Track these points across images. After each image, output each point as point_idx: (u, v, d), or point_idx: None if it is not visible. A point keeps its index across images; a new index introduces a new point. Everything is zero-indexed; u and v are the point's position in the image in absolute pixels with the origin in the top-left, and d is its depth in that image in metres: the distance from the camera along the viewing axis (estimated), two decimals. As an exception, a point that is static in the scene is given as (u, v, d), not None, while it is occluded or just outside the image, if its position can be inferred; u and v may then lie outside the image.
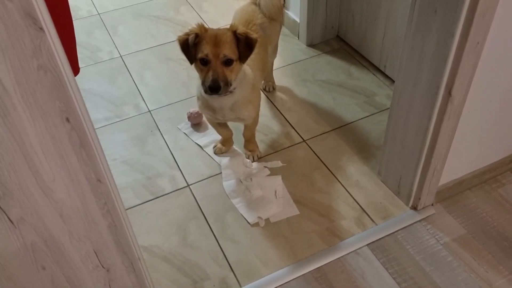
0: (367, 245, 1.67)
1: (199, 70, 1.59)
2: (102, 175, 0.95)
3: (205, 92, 1.58)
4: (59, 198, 0.84)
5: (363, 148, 2.03)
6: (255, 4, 1.98)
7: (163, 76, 2.45)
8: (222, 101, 1.68)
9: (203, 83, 1.57)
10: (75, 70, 1.14)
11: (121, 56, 2.64)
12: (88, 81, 2.48)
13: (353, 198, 1.83)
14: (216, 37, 1.54)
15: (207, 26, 1.58)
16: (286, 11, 2.68)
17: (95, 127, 2.21)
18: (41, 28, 0.75)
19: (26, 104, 0.74)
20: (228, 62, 1.55)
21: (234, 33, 1.56)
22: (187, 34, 1.56)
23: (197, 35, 1.54)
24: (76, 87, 0.85)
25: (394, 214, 1.77)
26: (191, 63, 1.60)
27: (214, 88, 1.54)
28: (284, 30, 2.70)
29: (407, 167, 1.70)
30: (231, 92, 1.63)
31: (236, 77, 1.61)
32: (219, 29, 1.60)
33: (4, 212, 0.77)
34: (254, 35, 1.59)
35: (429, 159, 1.60)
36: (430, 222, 1.73)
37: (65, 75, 0.81)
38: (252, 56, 1.79)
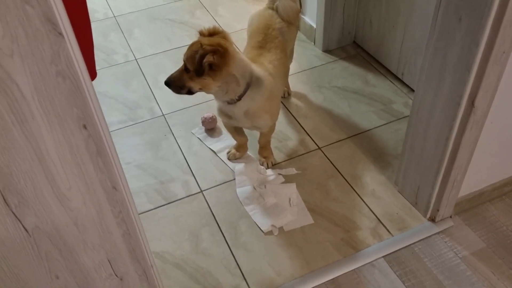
0: (383, 257, 1.63)
1: None
2: (117, 182, 0.93)
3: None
4: (75, 207, 0.83)
5: (380, 157, 2.00)
6: (272, 8, 1.96)
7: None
8: (233, 109, 1.66)
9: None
10: (93, 74, 1.13)
11: (136, 59, 2.63)
12: (103, 84, 2.47)
13: (369, 208, 1.80)
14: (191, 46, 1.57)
15: (210, 32, 1.60)
16: (302, 16, 2.65)
17: (110, 130, 2.21)
18: (60, 33, 0.74)
19: (44, 111, 0.73)
20: (187, 70, 1.57)
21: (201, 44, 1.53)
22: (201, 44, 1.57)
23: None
24: (94, 93, 0.84)
25: (411, 226, 1.73)
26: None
27: (167, 82, 1.63)
28: (299, 35, 2.67)
29: (425, 178, 1.67)
30: (238, 99, 1.61)
31: (206, 89, 1.59)
32: (212, 38, 1.57)
33: (19, 221, 0.75)
34: (207, 49, 1.51)
35: (449, 171, 1.56)
36: (449, 235, 1.69)
37: (83, 81, 0.80)
38: (275, 62, 1.78)
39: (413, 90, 2.29)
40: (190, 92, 1.62)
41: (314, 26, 2.59)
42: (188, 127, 2.19)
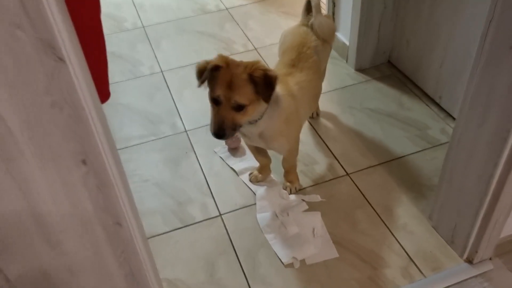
0: (414, 300, 1.50)
1: (211, 107, 1.48)
2: (123, 217, 0.84)
3: (211, 132, 1.46)
4: (68, 251, 0.74)
5: (413, 187, 1.86)
6: (306, 26, 1.85)
7: (203, 95, 2.35)
8: (250, 128, 1.55)
9: (211, 123, 1.46)
10: (104, 96, 1.05)
11: (162, 72, 2.57)
12: (127, 96, 2.42)
13: (400, 244, 1.66)
14: (231, 78, 1.40)
15: (230, 59, 1.45)
16: (336, 33, 2.54)
17: (130, 145, 2.15)
18: (61, 58, 0.66)
19: (35, 148, 0.64)
20: (239, 108, 1.41)
21: (250, 75, 1.41)
22: (207, 63, 1.45)
23: (216, 67, 1.42)
24: (101, 120, 0.75)
25: (446, 266, 1.58)
26: (199, 86, 1.48)
27: (218, 135, 1.43)
28: (332, 52, 2.56)
29: (464, 215, 1.52)
30: (251, 123, 1.51)
31: (252, 116, 1.47)
32: (240, 64, 1.45)
33: (1, 270, 0.67)
34: (273, 73, 1.44)
35: (491, 210, 1.42)
36: (488, 279, 1.54)
37: (87, 109, 0.71)
38: (303, 83, 1.67)
39: (451, 116, 2.14)
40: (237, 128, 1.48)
41: (347, 43, 2.47)
42: (211, 145, 2.10)
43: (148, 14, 3.07)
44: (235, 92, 1.39)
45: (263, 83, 1.40)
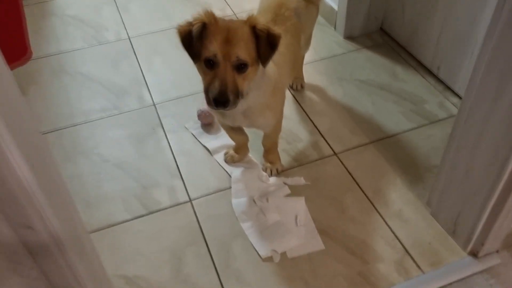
0: (411, 300, 1.30)
1: (203, 73, 1.22)
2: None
3: (208, 104, 1.20)
4: None
5: (409, 168, 1.64)
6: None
7: (174, 64, 2.10)
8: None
9: (206, 91, 1.19)
10: (21, 52, 0.79)
11: (129, 38, 2.29)
12: (87, 64, 2.14)
13: (394, 234, 1.45)
14: (228, 32, 1.15)
15: (217, 15, 1.20)
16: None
17: (90, 119, 1.89)
18: None
19: None
20: (241, 67, 1.17)
21: (253, 28, 1.17)
22: (191, 24, 1.18)
23: (204, 25, 1.17)
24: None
25: (447, 260, 1.38)
26: (195, 62, 1.23)
27: (221, 102, 1.16)
28: (318, 18, 2.30)
29: (470, 202, 1.32)
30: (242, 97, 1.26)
31: (250, 83, 1.23)
32: (231, 20, 1.22)
33: None
34: (276, 30, 1.21)
35: (504, 197, 1.21)
36: (494, 275, 1.34)
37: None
38: (281, 49, 1.42)
39: (450, 88, 1.92)
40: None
41: (336, 8, 2.22)
42: (181, 120, 1.85)
43: (116, -25, 2.77)
44: (236, 47, 1.15)
45: (266, 40, 1.18)
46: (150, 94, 1.98)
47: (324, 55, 2.14)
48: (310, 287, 1.33)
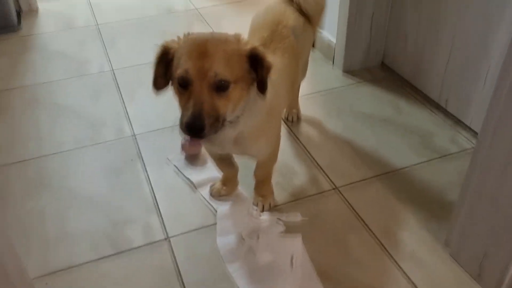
0: None
1: (177, 95, 1.02)
2: None
3: (181, 129, 0.99)
4: None
5: (421, 204, 1.44)
6: (287, 2, 1.47)
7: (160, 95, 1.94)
8: (223, 131, 1.11)
9: (181, 116, 0.99)
10: None
11: (112, 70, 2.15)
12: (65, 96, 1.99)
13: (408, 277, 1.22)
14: (207, 45, 0.97)
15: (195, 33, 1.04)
16: (319, 30, 2.17)
17: (60, 150, 1.68)
18: None
19: None
20: (221, 87, 0.97)
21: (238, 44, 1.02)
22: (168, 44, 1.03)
23: (167, 49, 1.02)
24: None
25: (474, 311, 1.15)
26: (156, 88, 1.07)
27: (194, 128, 0.95)
28: (315, 54, 2.19)
29: (499, 239, 1.10)
30: (231, 122, 1.08)
31: (236, 105, 1.03)
32: (214, 33, 1.07)
33: None
34: (269, 57, 1.04)
35: (542, 229, 1.00)
36: (533, 329, 1.10)
37: None
38: (279, 67, 1.26)
39: (461, 122, 1.75)
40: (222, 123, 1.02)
41: (334, 41, 2.10)
42: (163, 153, 1.66)
43: (104, 13, 2.68)
44: (215, 62, 0.95)
45: (264, 58, 1.01)
46: (131, 125, 1.80)
47: (321, 88, 1.99)
48: None
